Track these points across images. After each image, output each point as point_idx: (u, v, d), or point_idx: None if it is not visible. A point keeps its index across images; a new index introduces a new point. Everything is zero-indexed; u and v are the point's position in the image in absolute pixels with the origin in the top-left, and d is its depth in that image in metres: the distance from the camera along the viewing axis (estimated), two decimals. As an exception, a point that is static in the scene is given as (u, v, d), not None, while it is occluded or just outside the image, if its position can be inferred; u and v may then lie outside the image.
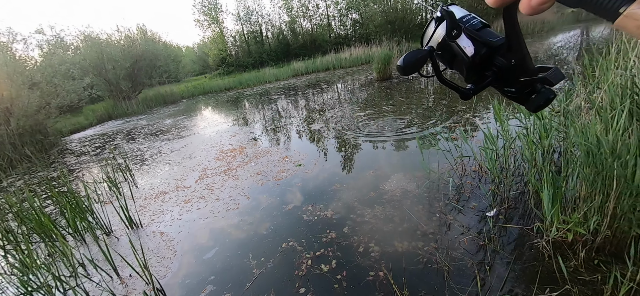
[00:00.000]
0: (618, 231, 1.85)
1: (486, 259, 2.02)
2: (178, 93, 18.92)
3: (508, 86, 0.34)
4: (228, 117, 9.06)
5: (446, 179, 2.96)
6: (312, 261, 2.23)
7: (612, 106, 1.91)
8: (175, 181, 4.44)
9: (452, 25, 0.35)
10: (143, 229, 3.22)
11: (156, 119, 11.94)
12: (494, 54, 0.33)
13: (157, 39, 23.99)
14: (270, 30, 31.23)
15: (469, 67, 0.35)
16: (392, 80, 10.00)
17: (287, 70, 18.80)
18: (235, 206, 3.27)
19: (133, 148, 7.35)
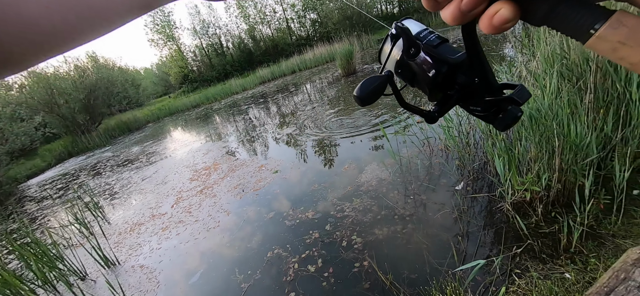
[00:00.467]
0: (567, 183, 2.06)
1: (460, 230, 2.17)
2: (142, 118, 18.02)
3: (473, 105, 0.32)
4: (199, 135, 8.80)
5: (415, 162, 3.11)
6: (299, 264, 2.26)
7: (546, 71, 2.12)
8: (149, 210, 4.26)
9: (409, 43, 0.32)
10: (121, 265, 3.07)
11: (122, 148, 11.31)
12: (455, 71, 0.31)
13: (111, 65, 22.70)
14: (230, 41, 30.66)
15: (431, 86, 0.33)
16: (357, 74, 10.23)
17: (253, 78, 18.59)
18: (216, 225, 3.21)
19: (100, 183, 6.93)
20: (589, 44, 0.19)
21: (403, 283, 1.87)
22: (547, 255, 1.80)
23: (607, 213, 1.90)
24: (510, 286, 1.68)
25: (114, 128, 16.39)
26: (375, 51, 15.77)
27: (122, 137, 14.93)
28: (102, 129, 16.74)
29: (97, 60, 21.60)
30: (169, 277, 2.64)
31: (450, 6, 0.23)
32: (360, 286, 1.94)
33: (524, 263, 1.79)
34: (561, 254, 1.78)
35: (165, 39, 29.54)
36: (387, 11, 30.35)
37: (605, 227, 1.86)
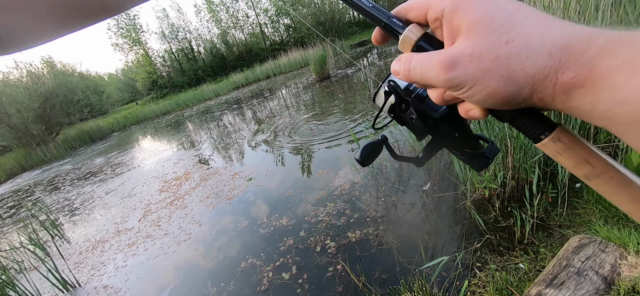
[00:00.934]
0: (520, 179, 2.24)
1: (427, 228, 2.28)
2: (106, 127, 16.96)
3: (455, 150, 0.37)
4: (169, 144, 8.45)
5: (385, 164, 3.22)
6: (273, 272, 2.25)
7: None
8: (114, 225, 4.02)
9: (400, 100, 0.35)
10: (82, 287, 2.86)
11: (83, 160, 10.56)
12: (439, 123, 0.35)
13: (70, 70, 21.16)
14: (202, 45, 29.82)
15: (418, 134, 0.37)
16: (330, 79, 10.38)
17: (227, 83, 18.21)
18: (187, 237, 3.11)
19: (58, 199, 6.41)
20: (538, 146, 0.25)
21: (375, 284, 1.93)
22: (504, 248, 1.94)
23: (555, 206, 2.10)
24: (472, 279, 1.79)
25: (74, 138, 15.25)
26: (349, 55, 16.09)
27: (83, 148, 13.94)
28: (61, 140, 15.51)
29: (53, 65, 20.05)
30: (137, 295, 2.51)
31: (435, 91, 0.27)
32: (333, 290, 1.97)
33: (484, 256, 1.92)
34: (516, 246, 1.93)
35: (130, 43, 28.07)
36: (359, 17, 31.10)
37: (553, 218, 2.05)
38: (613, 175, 0.23)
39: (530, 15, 0.21)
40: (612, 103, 0.18)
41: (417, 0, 0.26)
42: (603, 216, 1.92)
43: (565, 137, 0.24)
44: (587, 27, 0.20)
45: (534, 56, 0.20)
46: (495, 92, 0.22)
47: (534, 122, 0.25)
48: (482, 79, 0.22)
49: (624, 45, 0.18)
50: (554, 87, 0.20)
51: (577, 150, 0.24)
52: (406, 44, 0.27)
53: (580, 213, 2.03)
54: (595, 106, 0.19)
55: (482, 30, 0.22)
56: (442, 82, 0.24)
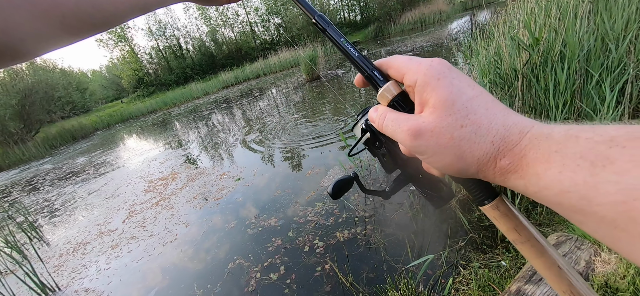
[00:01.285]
0: (502, 180, 2.31)
1: (413, 228, 2.31)
2: (89, 125, 16.43)
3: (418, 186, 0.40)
4: (156, 143, 8.26)
5: (373, 164, 3.26)
6: (261, 273, 2.24)
7: (482, 79, 2.37)
8: (97, 226, 3.90)
9: (374, 138, 0.38)
10: (61, 291, 2.77)
11: (65, 159, 10.19)
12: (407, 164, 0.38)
13: (51, 66, 20.39)
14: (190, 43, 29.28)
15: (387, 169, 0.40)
16: (320, 79, 10.39)
17: (216, 82, 17.96)
18: (173, 238, 3.05)
19: (37, 200, 6.17)
20: (481, 209, 0.30)
21: (362, 283, 1.94)
22: (487, 246, 2.00)
23: (535, 206, 2.17)
24: (456, 277, 1.83)
25: (55, 137, 14.70)
26: (339, 57, 16.16)
27: (65, 147, 13.45)
28: (41, 139, 14.91)
29: (33, 61, 19.25)
30: (120, 299, 2.45)
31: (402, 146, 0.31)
32: (321, 289, 1.97)
33: (468, 254, 1.97)
34: (498, 244, 1.99)
35: (115, 39, 27.28)
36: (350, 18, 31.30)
37: (534, 218, 2.12)
38: (534, 244, 0.28)
39: (483, 103, 0.25)
40: (539, 187, 0.21)
41: (397, 62, 0.30)
42: (580, 215, 2.00)
43: (502, 207, 0.29)
44: (524, 120, 0.24)
45: (480, 142, 0.24)
46: (448, 166, 0.26)
47: (480, 190, 0.29)
48: (439, 153, 0.26)
49: (544, 140, 0.22)
50: (494, 170, 0.24)
51: (509, 219, 0.29)
52: (384, 98, 0.31)
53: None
54: (527, 188, 0.22)
55: (444, 111, 0.25)
56: (407, 146, 0.28)
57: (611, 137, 0.19)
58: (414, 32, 17.82)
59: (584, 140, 0.20)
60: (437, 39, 11.96)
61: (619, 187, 0.17)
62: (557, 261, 0.27)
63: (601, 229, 0.19)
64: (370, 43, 19.71)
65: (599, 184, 0.18)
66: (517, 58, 2.35)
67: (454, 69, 0.27)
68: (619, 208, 0.17)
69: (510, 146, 0.23)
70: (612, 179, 0.18)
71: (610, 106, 1.90)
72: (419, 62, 0.28)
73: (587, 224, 0.20)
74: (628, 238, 0.18)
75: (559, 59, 2.26)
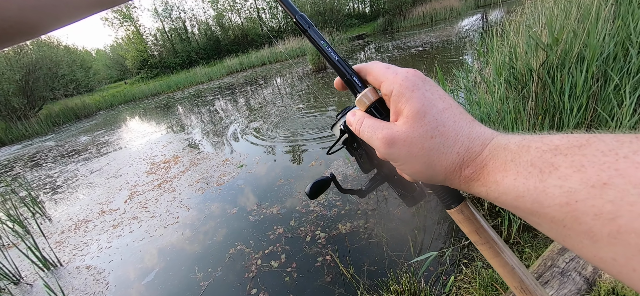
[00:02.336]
0: (509, 181, 2.28)
1: (416, 223, 2.30)
2: (93, 104, 16.42)
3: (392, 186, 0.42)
4: (159, 125, 8.25)
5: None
6: (262, 259, 2.24)
7: (494, 80, 2.32)
8: (98, 205, 3.91)
9: (352, 140, 0.40)
10: (63, 267, 2.79)
11: (67, 137, 10.22)
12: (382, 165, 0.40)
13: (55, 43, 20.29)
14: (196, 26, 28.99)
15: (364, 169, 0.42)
16: (327, 70, 10.29)
17: (221, 68, 17.84)
18: (174, 221, 3.05)
19: (40, 176, 6.20)
20: (448, 212, 0.33)
21: (363, 275, 1.94)
22: (491, 246, 1.98)
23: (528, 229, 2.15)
24: (458, 275, 1.82)
25: (58, 114, 14.72)
26: (346, 48, 15.98)
27: (67, 125, 13.48)
28: (44, 115, 14.94)
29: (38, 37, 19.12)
30: (121, 277, 2.46)
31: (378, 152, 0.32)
32: (322, 279, 1.97)
33: (471, 253, 1.96)
34: (502, 245, 1.97)
35: (121, 18, 27.06)
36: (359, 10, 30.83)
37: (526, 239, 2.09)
38: (492, 245, 0.32)
39: (452, 116, 0.27)
40: (498, 193, 0.23)
41: (375, 70, 0.31)
42: (587, 220, 1.97)
43: (466, 211, 0.32)
44: (487, 131, 0.26)
45: (447, 152, 0.26)
46: (419, 173, 0.28)
47: (447, 195, 0.32)
48: (411, 161, 0.28)
49: (502, 150, 0.24)
50: (459, 178, 0.26)
51: (472, 222, 0.32)
52: (362, 103, 0.32)
53: (565, 216, 2.08)
54: (488, 194, 0.24)
55: (416, 122, 0.27)
56: (381, 153, 0.30)
57: (556, 146, 0.21)
58: (423, 27, 17.54)
59: (534, 149, 0.22)
60: (446, 35, 11.77)
61: (562, 190, 0.19)
62: (510, 262, 0.31)
63: (554, 229, 0.20)
64: (378, 36, 19.44)
65: (547, 189, 0.20)
66: (534, 58, 2.29)
67: (428, 81, 0.29)
68: (564, 210, 0.19)
69: (473, 157, 0.25)
70: (557, 184, 0.20)
71: (627, 112, 1.85)
72: (396, 72, 0.29)
73: (542, 225, 0.21)
74: (574, 235, 0.19)
75: (578, 61, 2.21)
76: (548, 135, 0.22)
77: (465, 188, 0.27)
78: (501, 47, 2.77)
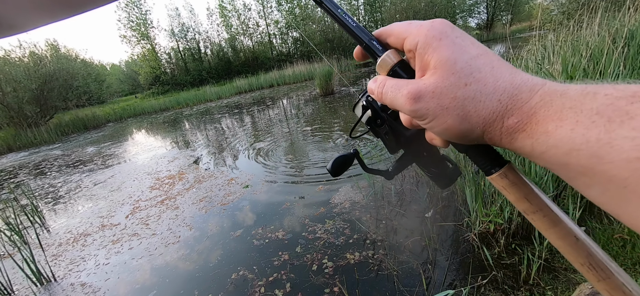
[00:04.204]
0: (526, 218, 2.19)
1: (428, 257, 2.19)
2: (102, 116, 16.72)
3: (423, 167, 0.39)
4: (165, 141, 8.30)
5: (389, 187, 3.16)
6: (266, 287, 2.13)
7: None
8: (99, 219, 3.84)
9: (376, 116, 0.38)
10: (57, 283, 2.68)
11: (74, 147, 10.31)
12: (410, 142, 0.37)
13: (74, 56, 21.05)
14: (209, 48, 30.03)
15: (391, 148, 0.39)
16: (334, 95, 10.44)
17: (230, 87, 18.23)
18: (176, 240, 2.96)
19: (43, 184, 6.18)
20: (488, 178, 0.28)
21: (373, 312, 1.82)
22: (509, 286, 1.87)
23: (552, 244, 2.05)
24: (475, 318, 1.70)
25: (67, 124, 14.96)
26: (353, 74, 16.31)
27: (76, 135, 13.65)
28: (53, 124, 15.20)
29: (57, 49, 19.94)
30: (116, 297, 2.35)
31: (404, 116, 0.30)
32: (328, 313, 1.86)
33: (488, 293, 1.84)
34: (521, 285, 1.86)
35: (139, 36, 28.17)
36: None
37: (558, 261, 1.98)
38: (547, 213, 0.26)
39: (489, 62, 0.24)
40: (547, 147, 0.20)
41: (397, 28, 0.29)
42: (611, 265, 1.87)
43: (511, 175, 0.27)
44: (534, 78, 0.23)
45: (486, 100, 0.23)
46: (451, 128, 0.25)
47: (487, 157, 0.28)
48: (442, 115, 0.25)
49: (558, 97, 0.21)
50: (500, 130, 0.23)
51: (520, 187, 0.27)
52: (383, 67, 0.30)
53: (587, 259, 1.97)
54: (534, 148, 0.21)
55: (446, 71, 0.24)
56: (407, 111, 0.27)
57: (633, 93, 0.18)
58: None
59: (603, 96, 0.19)
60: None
61: (634, 143, 0.17)
62: (573, 231, 0.25)
63: (608, 191, 0.18)
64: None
65: (614, 141, 0.17)
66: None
67: (456, 29, 0.26)
68: (632, 166, 0.16)
69: (519, 104, 0.22)
70: (629, 135, 0.17)
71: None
72: (420, 24, 0.27)
73: (592, 187, 0.19)
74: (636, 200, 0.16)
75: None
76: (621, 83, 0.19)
77: (506, 142, 0.23)
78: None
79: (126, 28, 28.01)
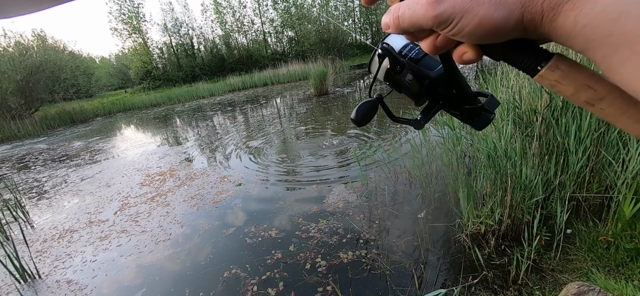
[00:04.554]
0: (515, 219, 2.24)
1: (421, 257, 2.22)
2: (90, 110, 16.30)
3: (454, 109, 0.37)
4: (156, 137, 8.15)
5: (382, 187, 3.18)
6: (258, 286, 2.11)
7: (502, 117, 2.34)
8: (86, 215, 3.75)
9: (394, 62, 0.36)
10: (42, 280, 2.61)
11: (61, 141, 10.02)
12: (436, 84, 0.35)
13: (61, 47, 20.46)
14: (203, 44, 29.63)
15: (416, 97, 0.37)
16: (328, 95, 10.46)
17: (223, 85, 18.04)
18: (167, 237, 2.92)
19: (27, 179, 5.99)
20: (535, 79, 0.25)
21: (365, 311, 1.83)
22: (498, 286, 1.91)
23: (547, 249, 2.10)
24: (466, 317, 1.73)
25: (54, 117, 14.53)
26: (347, 75, 16.36)
27: (62, 129, 13.28)
28: (39, 117, 14.74)
29: (45, 40, 19.33)
30: (104, 295, 2.30)
31: (427, 39, 0.27)
32: (321, 312, 1.86)
33: (478, 293, 1.88)
34: (510, 285, 1.90)
35: (130, 30, 27.59)
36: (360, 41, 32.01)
37: (546, 262, 2.04)
38: (616, 96, 0.22)
39: None
40: (593, 16, 0.18)
41: None
42: (595, 265, 1.93)
43: (563, 64, 0.24)
44: None
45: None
46: (485, 20, 0.22)
47: (529, 54, 0.25)
48: (471, 7, 0.22)
49: None
50: (542, 4, 0.20)
51: (576, 76, 0.23)
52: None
53: (572, 259, 2.03)
54: (577, 21, 0.19)
55: None
56: (431, 20, 0.24)
57: None
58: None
59: None
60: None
61: None
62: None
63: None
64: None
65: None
66: (539, 100, 2.34)
67: None
68: None
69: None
70: None
71: (633, 158, 1.87)
72: None
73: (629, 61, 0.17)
74: None
75: (580, 105, 2.25)
76: None
77: (548, 18, 0.21)
78: (502, 87, 2.85)
79: (117, 21, 27.42)
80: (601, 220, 2.18)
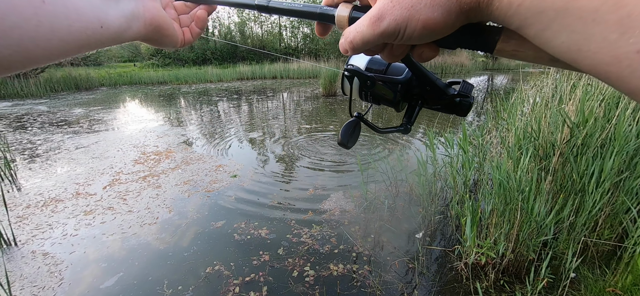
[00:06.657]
0: (518, 255, 2.12)
1: (414, 281, 2.10)
2: (96, 79, 16.20)
3: (434, 105, 0.37)
4: (157, 114, 8.04)
5: (382, 200, 3.06)
6: (241, 287, 1.99)
7: (518, 146, 2.21)
8: (75, 185, 3.63)
9: (363, 79, 0.37)
10: (18, 248, 2.49)
11: (62, 105, 9.93)
12: (408, 86, 0.36)
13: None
14: (218, 28, 29.57)
15: (393, 103, 0.38)
16: (336, 97, 10.33)
17: (232, 72, 17.93)
18: (153, 221, 2.80)
19: (22, 139, 5.88)
20: (496, 53, 0.25)
21: (351, 332, 1.71)
22: (495, 325, 1.78)
23: (549, 291, 1.97)
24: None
25: (58, 81, 14.44)
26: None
27: (65, 94, 13.20)
28: (43, 79, 14.64)
29: None
30: (78, 274, 2.18)
31: (384, 52, 0.29)
32: (304, 327, 1.74)
33: (473, 331, 1.75)
34: (508, 326, 1.77)
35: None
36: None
37: None
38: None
39: None
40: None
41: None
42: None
43: (514, 34, 0.23)
44: None
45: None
46: (428, 22, 0.23)
47: (480, 34, 0.25)
48: (411, 16, 0.23)
49: None
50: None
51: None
52: (342, 22, 0.29)
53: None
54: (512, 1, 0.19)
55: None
56: (378, 37, 0.25)
57: None
58: (433, 77, 18.03)
59: None
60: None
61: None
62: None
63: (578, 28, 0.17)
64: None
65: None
66: (559, 133, 2.21)
67: None
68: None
69: None
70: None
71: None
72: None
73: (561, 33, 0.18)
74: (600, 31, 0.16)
75: (600, 146, 2.12)
76: None
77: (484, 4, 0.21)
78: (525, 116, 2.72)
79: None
80: (609, 269, 2.06)
